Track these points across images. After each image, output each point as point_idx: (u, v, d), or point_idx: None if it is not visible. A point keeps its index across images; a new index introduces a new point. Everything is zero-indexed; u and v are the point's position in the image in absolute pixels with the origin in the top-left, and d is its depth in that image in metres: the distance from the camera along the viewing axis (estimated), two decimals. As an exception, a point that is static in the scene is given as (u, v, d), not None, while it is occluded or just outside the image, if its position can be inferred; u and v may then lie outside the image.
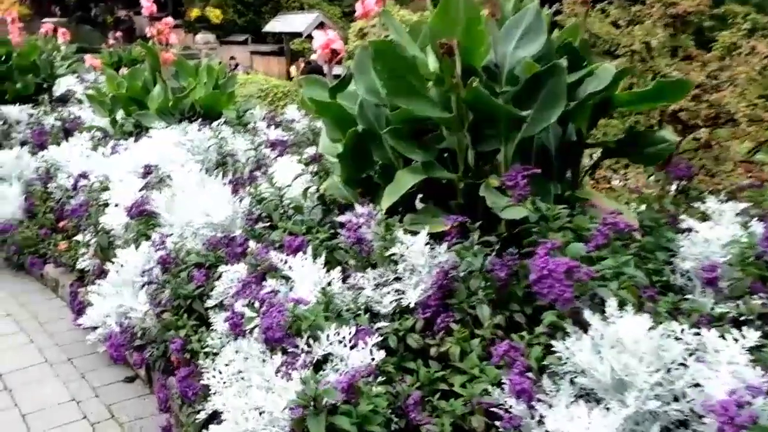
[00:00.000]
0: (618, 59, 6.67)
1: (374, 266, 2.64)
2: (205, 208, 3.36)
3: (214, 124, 5.18)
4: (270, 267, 2.63)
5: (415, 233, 2.62)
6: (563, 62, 2.53)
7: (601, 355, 1.77)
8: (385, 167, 3.39)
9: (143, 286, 3.08)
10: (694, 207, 2.79)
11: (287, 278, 2.57)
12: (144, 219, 3.58)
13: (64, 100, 8.48)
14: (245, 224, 3.38)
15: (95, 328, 3.14)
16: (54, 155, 5.14)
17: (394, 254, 2.50)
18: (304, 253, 2.68)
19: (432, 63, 2.90)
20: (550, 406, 1.79)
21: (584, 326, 1.97)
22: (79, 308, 3.39)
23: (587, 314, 1.86)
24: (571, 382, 1.88)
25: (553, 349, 1.92)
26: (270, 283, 2.50)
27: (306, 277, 2.54)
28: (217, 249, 3.16)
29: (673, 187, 3.07)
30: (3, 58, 8.44)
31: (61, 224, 4.27)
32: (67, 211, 4.38)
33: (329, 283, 2.49)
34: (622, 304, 1.85)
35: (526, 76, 2.58)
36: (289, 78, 19.63)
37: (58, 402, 2.93)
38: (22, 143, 6.17)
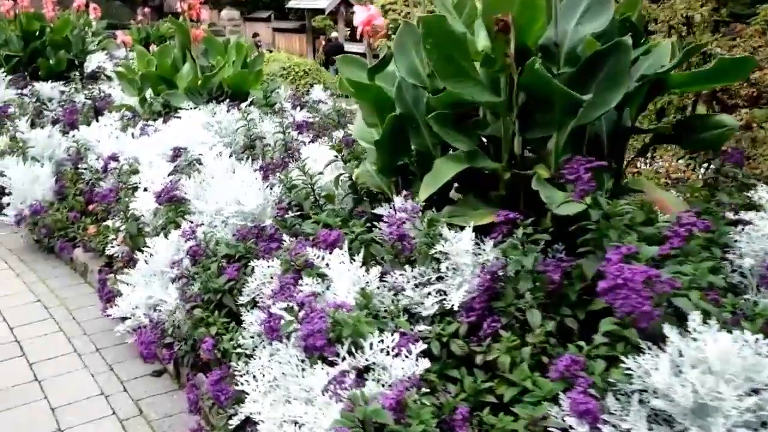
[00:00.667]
0: (652, 36, 6.29)
1: (412, 263, 2.42)
2: (236, 195, 3.16)
3: (243, 105, 4.96)
4: (306, 264, 2.42)
5: (456, 227, 2.40)
6: (628, 40, 2.24)
7: (683, 376, 1.54)
8: (422, 155, 3.17)
9: (174, 280, 2.89)
10: (745, 195, 2.49)
11: (323, 276, 2.36)
12: (173, 205, 3.39)
13: (95, 77, 8.32)
14: (275, 213, 3.17)
15: (124, 318, 2.98)
16: (84, 135, 4.97)
17: (437, 252, 2.27)
18: (341, 248, 2.46)
19: (482, 41, 2.64)
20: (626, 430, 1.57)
21: (649, 336, 1.74)
22: (107, 297, 3.23)
23: (666, 328, 1.61)
24: (640, 402, 1.65)
25: (620, 364, 1.69)
26: (307, 282, 2.29)
27: (343, 274, 2.32)
28: (247, 240, 2.96)
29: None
30: (37, 33, 8.30)
31: (90, 207, 4.10)
32: (96, 195, 4.22)
33: (368, 282, 2.28)
34: (704, 317, 1.61)
35: (586, 55, 2.30)
36: (314, 56, 19.32)
37: (87, 395, 2.77)
38: (54, 121, 6.01)
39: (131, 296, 2.93)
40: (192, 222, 3.27)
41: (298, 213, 3.21)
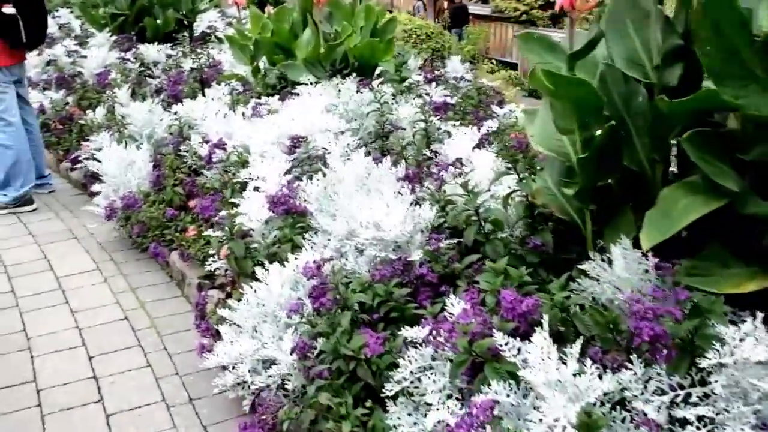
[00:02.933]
0: None
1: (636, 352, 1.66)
2: (374, 214, 2.48)
3: (375, 83, 4.27)
4: (491, 351, 1.70)
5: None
6: None
7: None
8: (631, 175, 2.41)
9: (290, 327, 2.27)
10: None
11: (514, 375, 1.64)
12: (291, 218, 2.76)
13: (205, 39, 7.91)
14: (426, 241, 2.48)
15: (224, 367, 2.40)
16: (188, 111, 4.46)
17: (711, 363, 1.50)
18: (540, 326, 1.73)
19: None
20: None
21: None
22: (205, 330, 2.67)
23: None
24: None
25: None
26: (494, 389, 1.58)
27: (543, 370, 1.59)
28: (390, 281, 2.29)
29: None
30: (144, -11, 7.97)
31: (191, 204, 3.58)
32: (197, 190, 3.68)
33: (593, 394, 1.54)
34: None
35: None
36: (434, 18, 18.45)
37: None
38: (157, 90, 5.59)
39: (235, 340, 2.34)
40: (314, 242, 2.64)
41: (456, 241, 2.51)
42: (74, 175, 4.98)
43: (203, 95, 4.82)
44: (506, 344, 1.66)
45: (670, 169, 2.44)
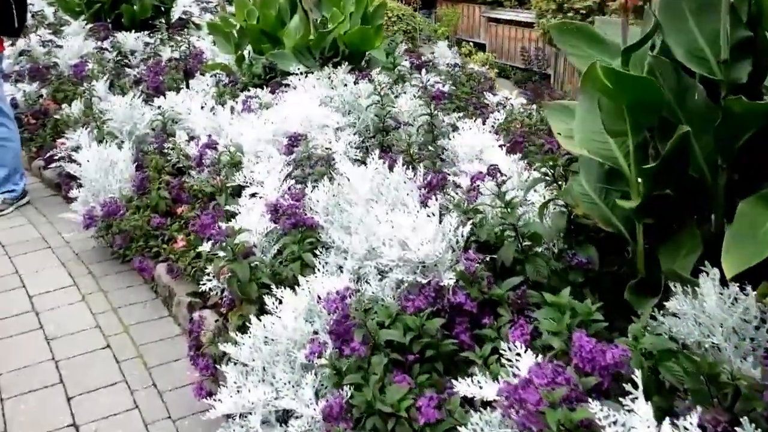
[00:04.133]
0: None
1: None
2: (398, 229, 2.04)
3: (374, 73, 3.80)
4: (582, 423, 1.28)
5: None
6: None
7: None
8: (690, 183, 2.02)
9: (307, 368, 1.83)
10: None
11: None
12: (300, 233, 2.30)
13: (182, 25, 7.32)
14: (456, 260, 2.05)
15: (229, 415, 1.95)
16: (172, 104, 3.95)
17: None
18: (623, 378, 1.32)
19: None
20: None
21: None
22: (203, 366, 2.21)
23: None
24: None
25: None
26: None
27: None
28: (421, 311, 1.86)
29: None
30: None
31: (179, 210, 3.10)
32: (185, 194, 3.19)
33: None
34: None
35: None
36: (403, 1, 17.88)
37: None
38: (136, 81, 5.04)
39: (242, 392, 1.89)
40: (327, 261, 2.19)
41: (489, 258, 2.07)
42: (48, 174, 4.43)
43: (187, 87, 4.29)
44: (605, 417, 1.24)
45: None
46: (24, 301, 2.96)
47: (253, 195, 2.74)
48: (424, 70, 5.06)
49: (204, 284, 2.49)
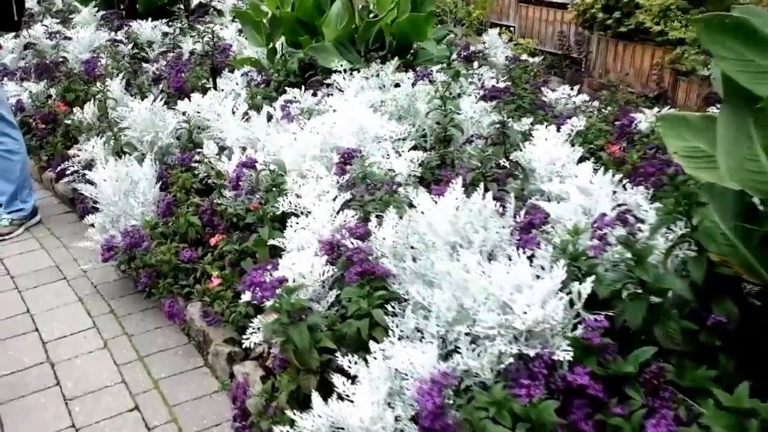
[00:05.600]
0: None
1: None
2: (495, 286, 1.74)
3: (435, 69, 3.49)
4: None
5: None
6: None
7: None
8: None
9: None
10: None
11: None
12: (366, 282, 2.01)
13: (204, 11, 7.06)
14: (568, 323, 1.74)
15: None
16: (198, 108, 3.67)
17: None
18: None
19: None
20: None
21: None
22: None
23: None
24: None
25: None
26: None
27: None
28: (535, 407, 1.56)
29: None
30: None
31: (212, 241, 2.83)
32: (217, 219, 2.92)
33: None
34: None
35: None
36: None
37: None
38: (155, 79, 4.78)
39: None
40: (402, 319, 1.90)
41: (607, 323, 1.76)
42: (60, 188, 4.20)
43: (215, 88, 4.02)
44: None
45: None
46: (38, 350, 2.72)
47: (296, 225, 2.46)
48: (475, 63, 4.76)
49: (248, 338, 2.22)
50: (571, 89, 4.41)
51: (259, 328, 2.20)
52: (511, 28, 7.89)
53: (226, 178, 3.00)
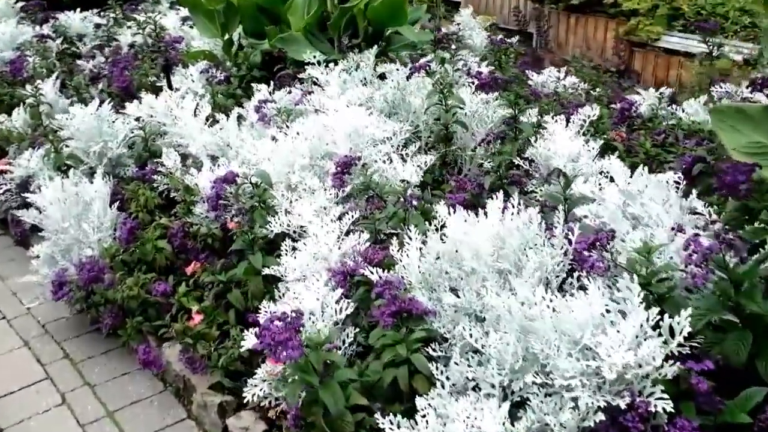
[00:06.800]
0: None
1: None
2: (568, 323, 1.50)
3: (427, 59, 3.23)
4: None
5: None
6: None
7: None
8: None
9: None
10: None
11: None
12: (402, 323, 1.74)
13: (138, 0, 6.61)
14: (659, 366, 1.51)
15: None
16: (152, 112, 3.32)
17: None
18: None
19: None
20: None
21: None
22: None
23: None
24: None
25: None
26: None
27: None
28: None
29: None
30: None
31: (189, 269, 2.50)
32: (191, 242, 2.60)
33: None
34: None
35: None
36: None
37: None
38: (93, 78, 4.39)
39: None
40: (447, 364, 1.64)
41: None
42: (-10, 207, 3.79)
43: (170, 87, 3.67)
44: None
45: None
46: (-21, 414, 2.37)
47: (294, 248, 2.18)
48: (453, 46, 4.55)
49: (249, 391, 1.93)
50: (558, 71, 4.24)
51: (264, 380, 1.91)
52: (460, 4, 7.67)
53: (198, 193, 2.69)
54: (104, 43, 5.17)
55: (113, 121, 3.32)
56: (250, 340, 1.91)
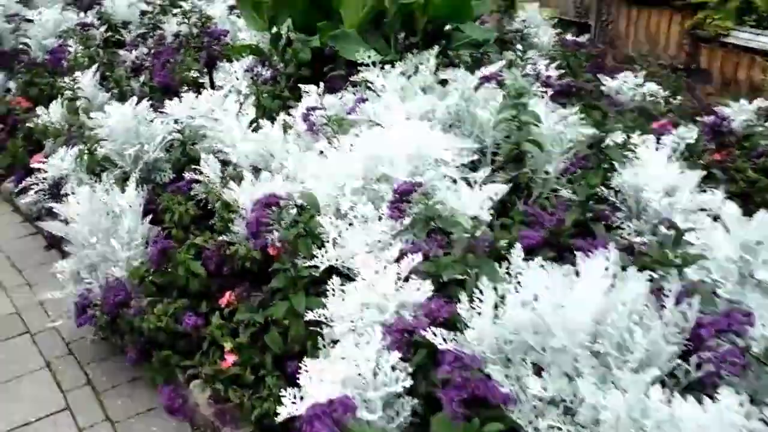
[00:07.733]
0: None
1: None
2: None
3: (497, 68, 2.87)
4: None
5: None
6: None
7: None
8: None
9: None
10: None
11: None
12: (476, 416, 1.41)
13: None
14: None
15: None
16: (191, 113, 3.04)
17: None
18: None
19: None
20: None
21: None
22: None
23: None
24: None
25: None
26: None
27: None
28: None
29: None
30: None
31: (223, 300, 2.22)
32: (227, 267, 2.30)
33: None
34: None
35: None
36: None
37: None
38: (135, 70, 4.13)
39: None
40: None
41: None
42: (23, 204, 3.55)
43: (212, 86, 3.37)
44: None
45: None
46: (-10, 452, 2.13)
47: (343, 289, 1.86)
48: (519, 45, 4.21)
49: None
50: (635, 76, 3.82)
51: None
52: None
53: (236, 209, 2.39)
54: (149, 30, 4.90)
55: (150, 121, 3.03)
56: (287, 402, 1.59)
